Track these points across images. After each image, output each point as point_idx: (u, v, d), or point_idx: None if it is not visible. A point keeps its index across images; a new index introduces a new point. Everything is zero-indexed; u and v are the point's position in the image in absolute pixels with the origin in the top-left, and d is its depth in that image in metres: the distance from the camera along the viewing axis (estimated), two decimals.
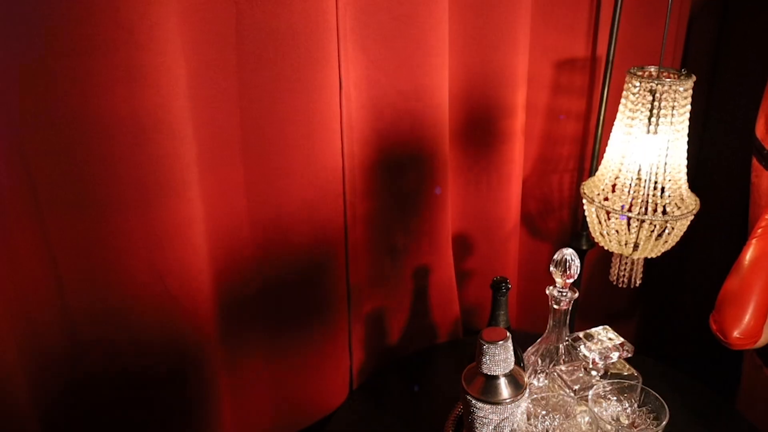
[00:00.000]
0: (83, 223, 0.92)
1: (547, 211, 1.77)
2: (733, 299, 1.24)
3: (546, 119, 1.64)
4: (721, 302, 1.26)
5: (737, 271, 1.26)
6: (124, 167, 0.90)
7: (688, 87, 1.23)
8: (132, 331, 1.01)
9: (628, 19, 1.55)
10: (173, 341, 1.04)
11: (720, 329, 1.24)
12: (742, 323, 1.22)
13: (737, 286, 1.24)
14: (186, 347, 1.06)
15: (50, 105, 0.84)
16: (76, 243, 0.93)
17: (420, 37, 1.20)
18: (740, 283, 1.24)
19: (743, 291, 1.23)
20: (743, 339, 1.22)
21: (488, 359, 1.01)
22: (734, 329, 1.22)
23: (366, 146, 1.24)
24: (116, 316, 0.99)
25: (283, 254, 1.19)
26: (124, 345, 1.01)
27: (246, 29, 1.00)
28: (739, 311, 1.22)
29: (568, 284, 1.14)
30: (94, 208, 0.91)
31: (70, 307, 0.96)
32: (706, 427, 1.26)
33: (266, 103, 1.06)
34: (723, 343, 1.25)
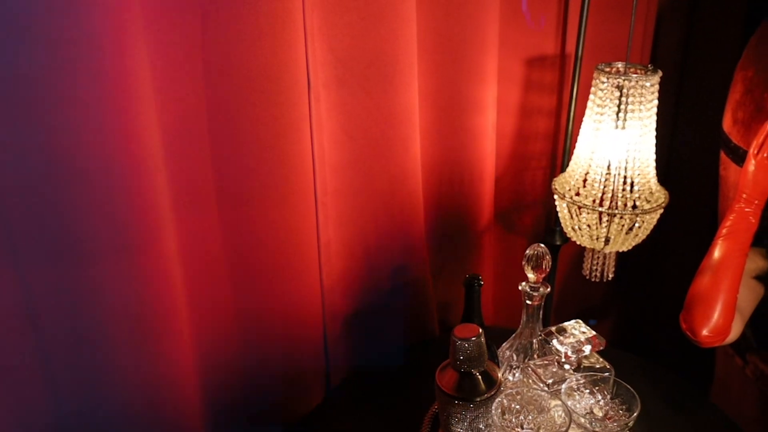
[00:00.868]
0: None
1: (521, 207, 1.78)
2: (702, 299, 1.27)
3: (518, 116, 1.65)
4: (690, 302, 1.29)
5: (704, 271, 1.29)
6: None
7: (654, 82, 1.25)
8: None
9: (596, 17, 1.57)
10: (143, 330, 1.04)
11: (689, 328, 1.27)
12: (711, 321, 1.25)
13: (705, 285, 1.27)
14: (156, 338, 1.06)
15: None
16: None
17: (389, 37, 1.20)
18: (708, 282, 1.27)
19: (711, 290, 1.26)
20: (712, 337, 1.25)
21: (461, 356, 1.02)
22: (703, 328, 1.25)
23: (336, 146, 1.24)
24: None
25: (253, 256, 1.18)
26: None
27: (212, 32, 0.99)
28: (708, 310, 1.25)
29: (541, 279, 1.15)
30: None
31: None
32: (678, 416, 1.28)
33: (234, 104, 1.05)
34: (693, 342, 1.28)
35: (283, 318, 1.27)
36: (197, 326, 1.16)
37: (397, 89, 1.26)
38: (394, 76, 1.24)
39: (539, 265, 1.13)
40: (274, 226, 1.18)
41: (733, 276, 1.26)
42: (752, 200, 1.28)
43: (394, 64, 1.23)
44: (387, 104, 1.26)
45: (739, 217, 1.29)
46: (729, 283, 1.26)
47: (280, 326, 1.27)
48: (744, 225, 1.28)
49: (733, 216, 1.30)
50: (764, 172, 1.27)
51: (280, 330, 1.28)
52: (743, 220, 1.28)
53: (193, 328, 1.15)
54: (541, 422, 1.08)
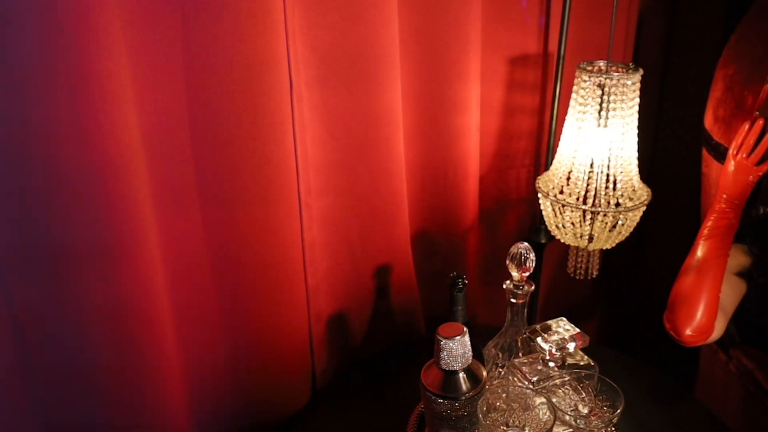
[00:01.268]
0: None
1: (506, 206, 1.79)
2: (685, 299, 1.28)
3: (501, 115, 1.65)
4: (673, 302, 1.30)
5: (687, 271, 1.31)
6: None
7: (635, 80, 1.25)
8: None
9: (578, 16, 1.58)
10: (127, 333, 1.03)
11: (673, 328, 1.29)
12: (694, 321, 1.26)
13: (688, 285, 1.29)
14: (140, 341, 1.05)
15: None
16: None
17: (370, 36, 1.20)
18: (690, 282, 1.29)
19: (694, 290, 1.28)
20: (695, 336, 1.27)
21: (446, 355, 1.02)
22: (686, 327, 1.27)
23: (319, 146, 1.24)
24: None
25: (236, 257, 1.18)
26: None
27: (192, 31, 0.99)
28: (691, 310, 1.27)
29: (525, 278, 1.15)
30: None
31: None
32: (663, 412, 1.29)
33: (216, 105, 1.05)
34: (676, 341, 1.29)
35: (268, 319, 1.26)
36: (181, 328, 1.16)
37: (379, 89, 1.26)
38: (376, 76, 1.24)
39: (523, 264, 1.13)
40: (257, 227, 1.17)
41: (715, 275, 1.28)
42: (732, 200, 1.29)
43: (377, 63, 1.23)
44: (370, 104, 1.26)
45: (720, 217, 1.30)
46: (711, 282, 1.27)
47: (264, 327, 1.27)
48: (725, 225, 1.30)
49: (714, 216, 1.31)
50: (744, 172, 1.28)
51: (265, 331, 1.27)
52: (724, 220, 1.30)
53: (176, 330, 1.14)
54: (527, 420, 1.08)
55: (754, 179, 1.28)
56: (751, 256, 1.38)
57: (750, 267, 1.37)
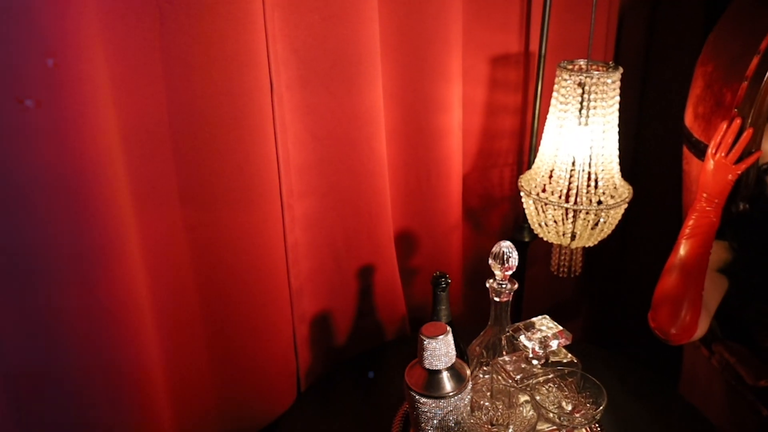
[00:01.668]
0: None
1: (489, 205, 1.79)
2: (668, 298, 1.30)
3: (483, 114, 1.66)
4: (657, 301, 1.32)
5: (670, 270, 1.32)
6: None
7: (615, 79, 1.26)
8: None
9: (558, 14, 1.58)
10: (109, 337, 1.02)
11: (658, 327, 1.30)
12: (679, 320, 1.28)
13: (671, 284, 1.30)
14: (123, 344, 1.04)
15: None
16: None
17: (351, 37, 1.20)
18: (674, 281, 1.30)
19: (677, 289, 1.29)
20: (680, 334, 1.28)
21: (429, 354, 1.02)
22: (672, 326, 1.28)
23: (301, 147, 1.24)
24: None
25: (218, 259, 1.18)
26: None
27: (171, 34, 0.98)
28: (675, 308, 1.28)
29: (507, 276, 1.15)
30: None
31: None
32: (646, 408, 1.30)
33: (196, 107, 1.05)
34: (662, 340, 1.31)
35: (251, 321, 1.26)
36: (162, 331, 1.15)
37: (361, 89, 1.26)
38: (357, 76, 1.24)
39: (505, 262, 1.13)
40: (239, 229, 1.17)
41: (698, 274, 1.29)
42: (713, 199, 1.30)
43: (358, 64, 1.23)
44: (351, 104, 1.26)
45: (701, 216, 1.31)
46: (694, 281, 1.29)
47: (248, 329, 1.26)
48: (706, 223, 1.31)
49: (695, 215, 1.32)
50: (723, 171, 1.30)
51: (248, 333, 1.27)
52: (705, 219, 1.31)
53: (158, 332, 1.14)
54: (511, 417, 1.09)
55: (733, 178, 1.30)
56: (731, 251, 1.39)
57: (731, 263, 1.39)
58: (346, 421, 1.29)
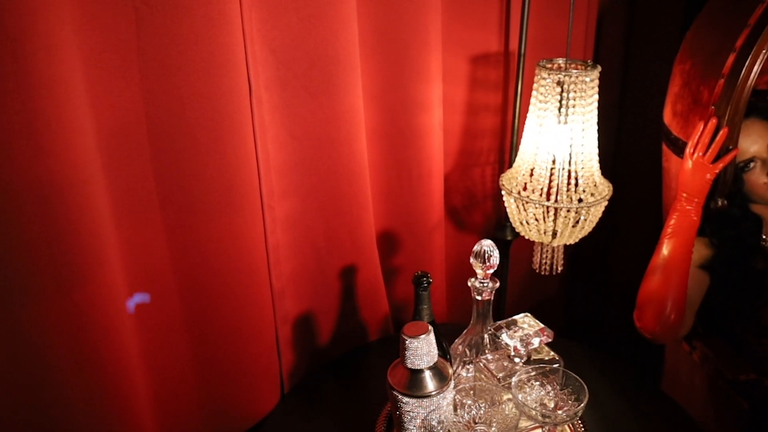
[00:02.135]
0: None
1: (472, 204, 1.80)
2: (653, 298, 1.31)
3: (464, 114, 1.66)
4: (642, 301, 1.33)
5: (653, 270, 1.34)
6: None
7: (594, 77, 1.27)
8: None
9: (538, 14, 1.59)
10: (88, 341, 1.02)
11: (643, 326, 1.32)
12: (664, 318, 1.30)
13: (655, 284, 1.32)
14: (103, 348, 1.03)
15: None
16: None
17: (329, 37, 1.20)
18: (657, 281, 1.32)
19: (661, 289, 1.31)
20: (666, 333, 1.31)
21: (411, 353, 1.02)
22: (657, 325, 1.30)
23: (281, 148, 1.24)
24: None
25: (201, 259, 1.17)
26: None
27: (147, 35, 0.98)
28: (660, 308, 1.30)
29: (489, 275, 1.16)
30: None
31: None
32: (628, 404, 1.30)
33: (174, 109, 1.04)
34: (648, 339, 1.33)
35: (233, 323, 1.26)
36: (143, 334, 1.14)
37: (340, 89, 1.26)
38: (336, 77, 1.24)
39: (487, 261, 1.14)
40: (220, 231, 1.16)
41: (681, 273, 1.31)
42: (692, 198, 1.32)
43: (336, 64, 1.23)
44: (331, 104, 1.26)
45: (682, 216, 1.33)
46: (677, 279, 1.30)
47: (230, 331, 1.26)
48: (687, 223, 1.32)
49: (676, 215, 1.34)
50: (701, 170, 1.31)
51: (231, 335, 1.26)
52: (686, 219, 1.33)
53: (139, 336, 1.13)
54: (494, 415, 1.09)
55: (711, 177, 1.31)
56: (711, 248, 1.41)
57: (711, 258, 1.40)
58: (330, 422, 1.28)
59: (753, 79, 1.28)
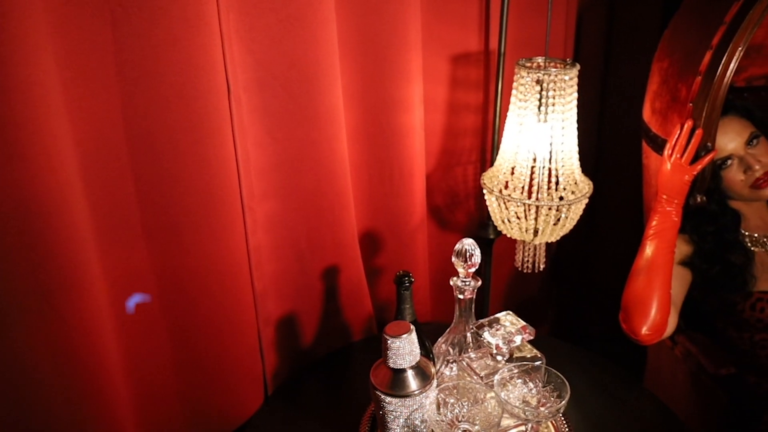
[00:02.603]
0: None
1: (454, 203, 1.80)
2: (638, 300, 1.33)
3: (446, 113, 1.66)
4: (627, 304, 1.35)
5: (637, 272, 1.35)
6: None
7: (573, 75, 1.27)
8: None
9: (518, 13, 1.60)
10: (69, 345, 1.01)
11: (629, 328, 1.34)
12: (649, 320, 1.31)
13: (639, 286, 1.33)
14: (83, 352, 1.03)
15: None
16: None
17: (308, 38, 1.20)
18: (641, 283, 1.33)
19: (645, 290, 1.32)
20: (652, 334, 1.31)
21: (393, 353, 1.02)
22: (642, 326, 1.31)
23: (261, 149, 1.23)
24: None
25: (181, 263, 1.16)
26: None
27: (124, 38, 0.97)
28: (645, 309, 1.31)
29: (471, 273, 1.16)
30: None
31: None
32: (610, 400, 1.31)
33: (152, 111, 1.03)
34: (634, 340, 1.34)
35: (216, 325, 1.25)
36: (125, 338, 1.14)
37: (319, 90, 1.25)
38: (316, 77, 1.24)
39: (468, 260, 1.14)
40: (200, 233, 1.16)
41: (664, 273, 1.32)
42: (672, 200, 1.34)
43: (316, 65, 1.23)
44: (310, 105, 1.25)
45: (663, 218, 1.34)
46: (661, 280, 1.32)
47: (212, 333, 1.25)
48: (668, 224, 1.34)
49: (657, 217, 1.35)
50: (680, 172, 1.33)
51: (213, 337, 1.26)
52: (667, 220, 1.34)
53: (120, 340, 1.12)
54: (477, 414, 1.09)
55: (689, 178, 1.33)
56: (691, 244, 1.42)
57: (691, 255, 1.41)
58: (314, 422, 1.28)
59: (729, 76, 1.29)
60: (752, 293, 1.37)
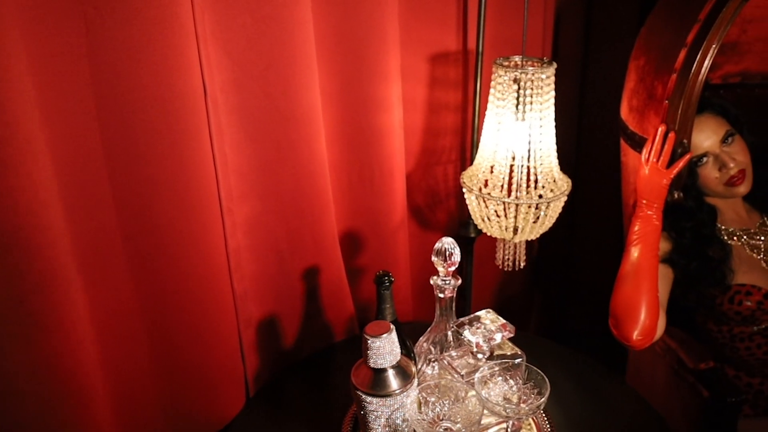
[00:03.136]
0: None
1: (435, 202, 1.80)
2: (626, 305, 1.35)
3: (425, 113, 1.67)
4: (616, 311, 1.36)
5: (623, 278, 1.37)
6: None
7: (550, 74, 1.28)
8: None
9: (496, 12, 1.60)
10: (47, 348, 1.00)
11: (621, 335, 1.35)
12: (639, 324, 1.33)
13: (627, 292, 1.35)
14: (62, 356, 1.02)
15: None
16: None
17: (285, 38, 1.19)
18: (629, 289, 1.35)
19: (633, 296, 1.34)
20: (643, 339, 1.33)
21: (373, 353, 1.02)
22: (633, 332, 1.33)
23: (239, 150, 1.23)
24: None
25: (160, 265, 1.16)
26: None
27: (97, 39, 0.96)
28: (634, 315, 1.33)
29: (451, 272, 1.16)
30: None
31: None
32: (591, 396, 1.32)
33: (127, 113, 1.03)
34: (626, 346, 1.36)
35: (196, 327, 1.24)
36: (104, 342, 1.13)
37: (297, 90, 1.25)
38: (294, 78, 1.24)
39: (448, 258, 1.14)
40: (178, 235, 1.15)
41: (650, 277, 1.34)
42: (652, 204, 1.35)
43: (293, 65, 1.22)
44: (288, 106, 1.25)
45: (645, 222, 1.36)
46: (648, 284, 1.34)
47: (192, 336, 1.25)
48: (650, 228, 1.35)
49: (638, 222, 1.36)
50: (657, 176, 1.35)
51: (193, 340, 1.25)
52: (648, 224, 1.35)
53: (99, 344, 1.11)
54: (458, 412, 1.09)
55: (667, 182, 1.35)
56: (670, 241, 1.43)
57: (670, 251, 1.43)
58: (296, 424, 1.28)
59: (704, 73, 1.30)
60: (730, 286, 1.39)
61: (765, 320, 1.39)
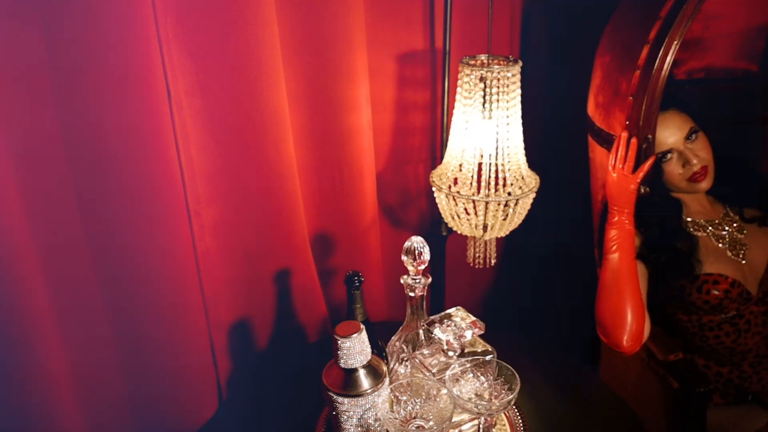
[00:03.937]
0: None
1: (406, 201, 1.80)
2: (612, 313, 1.36)
3: (394, 112, 1.67)
4: (603, 320, 1.38)
5: (605, 286, 1.38)
6: None
7: (515, 72, 1.29)
8: None
9: (462, 11, 1.61)
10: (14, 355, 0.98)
11: (611, 342, 1.37)
12: (627, 330, 1.34)
13: (612, 300, 1.37)
14: (30, 362, 1.00)
15: None
16: None
17: (250, 40, 1.19)
18: (613, 297, 1.36)
19: (618, 303, 1.36)
20: (633, 343, 1.35)
21: (344, 353, 1.02)
22: (623, 338, 1.35)
23: (205, 153, 1.22)
24: None
25: (126, 270, 1.15)
26: None
27: (57, 43, 0.95)
28: (621, 321, 1.35)
29: (421, 271, 1.17)
30: None
31: None
32: (563, 391, 1.34)
33: (90, 117, 1.02)
34: (619, 353, 1.38)
35: (165, 333, 1.24)
36: (72, 349, 1.11)
37: (263, 92, 1.25)
38: (259, 79, 1.23)
39: (417, 257, 1.15)
40: (145, 240, 1.14)
41: (632, 282, 1.36)
42: (623, 209, 1.37)
43: (258, 66, 1.22)
44: (255, 107, 1.25)
45: (619, 228, 1.38)
46: (631, 290, 1.35)
47: (162, 342, 1.24)
48: (624, 233, 1.37)
49: (613, 229, 1.38)
50: (625, 182, 1.37)
51: (163, 345, 1.24)
52: (622, 229, 1.37)
53: (67, 351, 1.10)
54: (430, 410, 1.10)
55: (635, 187, 1.36)
56: (639, 236, 1.45)
57: (640, 247, 1.44)
58: (270, 426, 1.28)
59: (667, 69, 1.32)
60: (698, 276, 1.41)
61: (732, 308, 1.42)
